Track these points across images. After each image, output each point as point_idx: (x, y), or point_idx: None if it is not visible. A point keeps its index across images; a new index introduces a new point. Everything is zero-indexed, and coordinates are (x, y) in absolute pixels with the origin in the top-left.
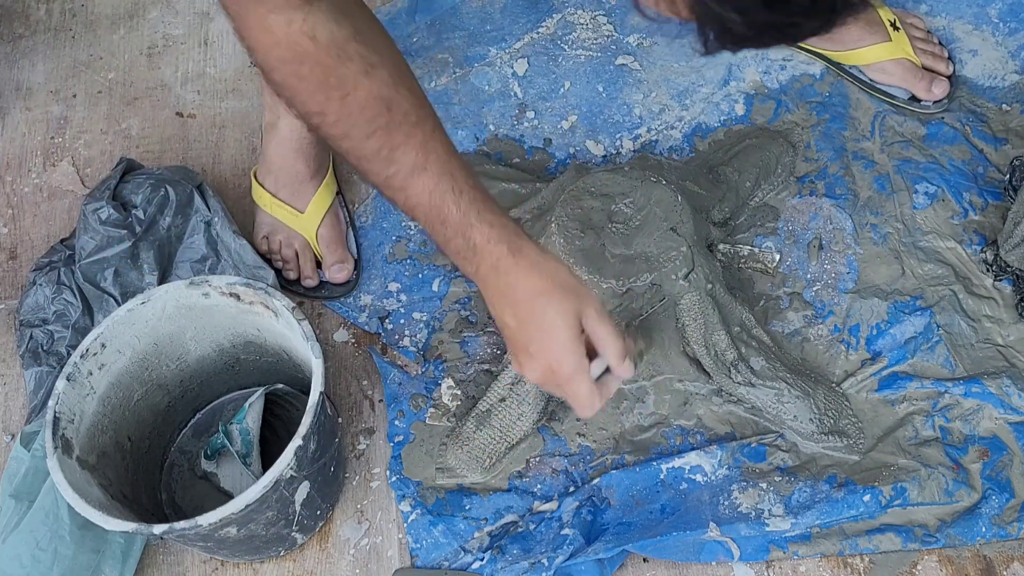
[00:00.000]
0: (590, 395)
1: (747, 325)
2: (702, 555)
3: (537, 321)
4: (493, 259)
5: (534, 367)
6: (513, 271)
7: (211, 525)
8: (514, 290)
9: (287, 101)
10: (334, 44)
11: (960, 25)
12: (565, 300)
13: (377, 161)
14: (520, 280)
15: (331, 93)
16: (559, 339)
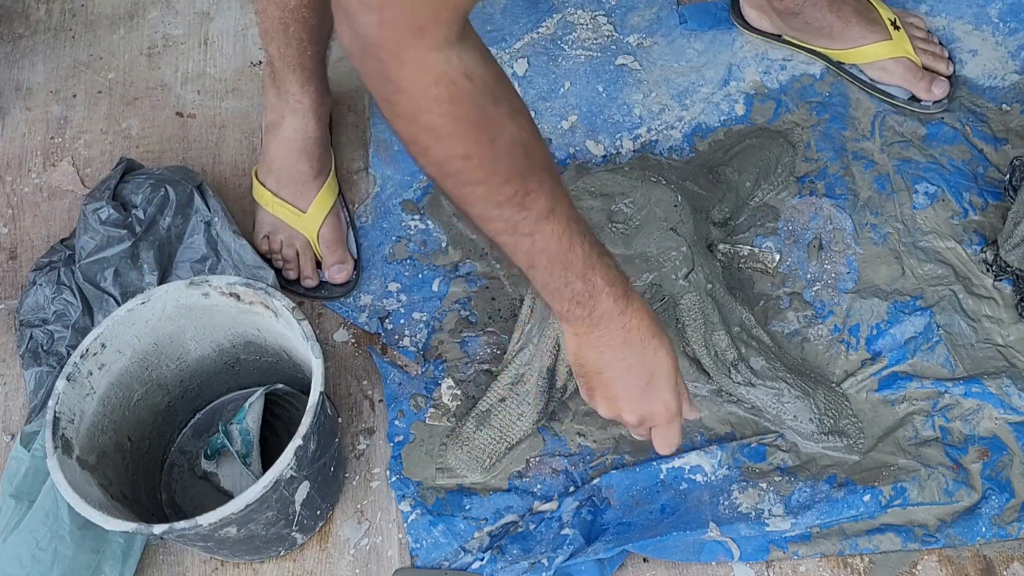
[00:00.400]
0: (680, 437)
1: (747, 325)
2: (702, 555)
3: (649, 364)
4: (611, 300)
5: (637, 408)
6: (629, 312)
7: (211, 525)
8: (629, 331)
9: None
10: (487, 85)
11: (960, 25)
12: (670, 346)
13: (510, 207)
14: (637, 321)
15: (481, 136)
16: (672, 380)
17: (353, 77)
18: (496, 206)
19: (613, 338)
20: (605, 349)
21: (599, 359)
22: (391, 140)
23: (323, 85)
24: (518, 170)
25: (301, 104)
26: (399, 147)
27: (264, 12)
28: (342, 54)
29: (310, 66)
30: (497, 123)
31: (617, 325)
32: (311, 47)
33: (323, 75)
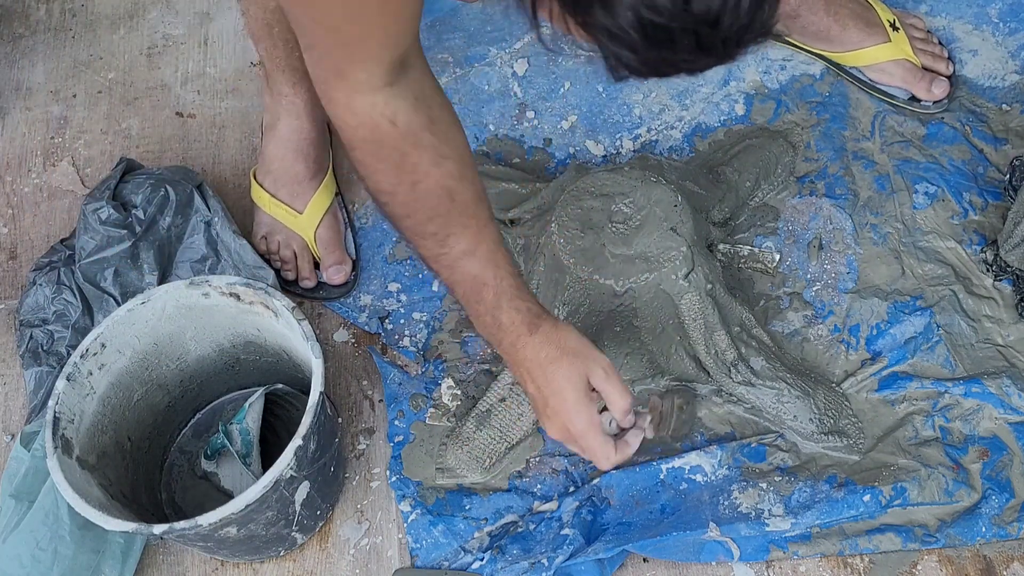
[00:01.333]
0: (602, 447)
1: (747, 325)
2: (702, 555)
3: (550, 386)
4: (514, 336)
5: (552, 426)
6: (529, 345)
7: (211, 525)
8: (530, 361)
9: (360, 177)
10: (411, 131)
11: (960, 25)
12: (572, 365)
13: (432, 241)
14: (534, 352)
15: (403, 178)
16: (568, 399)
17: None
18: (420, 238)
19: (522, 367)
20: (520, 376)
21: (524, 384)
22: None
23: None
24: (440, 212)
25: (294, 105)
26: None
27: (248, 13)
28: None
29: (300, 67)
30: (419, 169)
31: (520, 358)
32: (298, 48)
33: None
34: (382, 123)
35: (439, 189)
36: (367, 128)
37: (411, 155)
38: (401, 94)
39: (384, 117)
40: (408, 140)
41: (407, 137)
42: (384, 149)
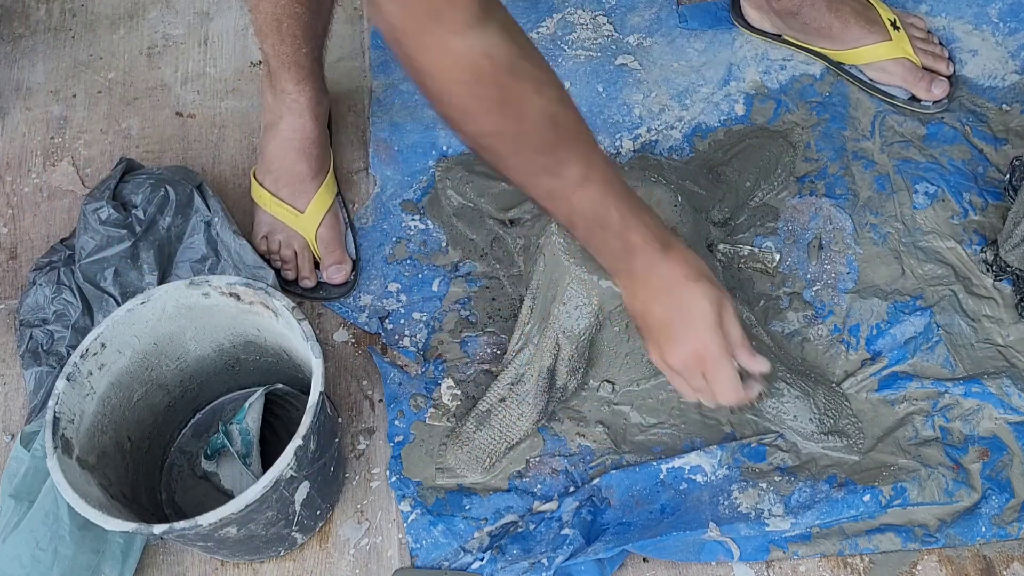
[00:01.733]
0: (734, 378)
1: (747, 325)
2: (702, 555)
3: (686, 306)
4: (647, 255)
5: (679, 351)
6: (665, 263)
7: (211, 525)
8: (665, 280)
9: (456, 124)
10: (509, 62)
11: (960, 25)
12: (711, 288)
13: (544, 176)
14: (672, 270)
15: (507, 112)
16: (708, 321)
17: (353, 77)
18: (531, 175)
19: (653, 287)
20: (647, 298)
21: (644, 308)
22: (391, 140)
23: (320, 84)
24: (548, 141)
25: (297, 103)
26: (399, 147)
27: (257, 8)
28: (341, 54)
29: (305, 64)
30: (522, 99)
31: (656, 275)
32: (305, 44)
33: (319, 74)
34: (480, 59)
35: (544, 117)
36: (465, 68)
37: (512, 87)
38: (492, 27)
39: (481, 53)
40: (507, 72)
41: (506, 69)
42: (485, 86)
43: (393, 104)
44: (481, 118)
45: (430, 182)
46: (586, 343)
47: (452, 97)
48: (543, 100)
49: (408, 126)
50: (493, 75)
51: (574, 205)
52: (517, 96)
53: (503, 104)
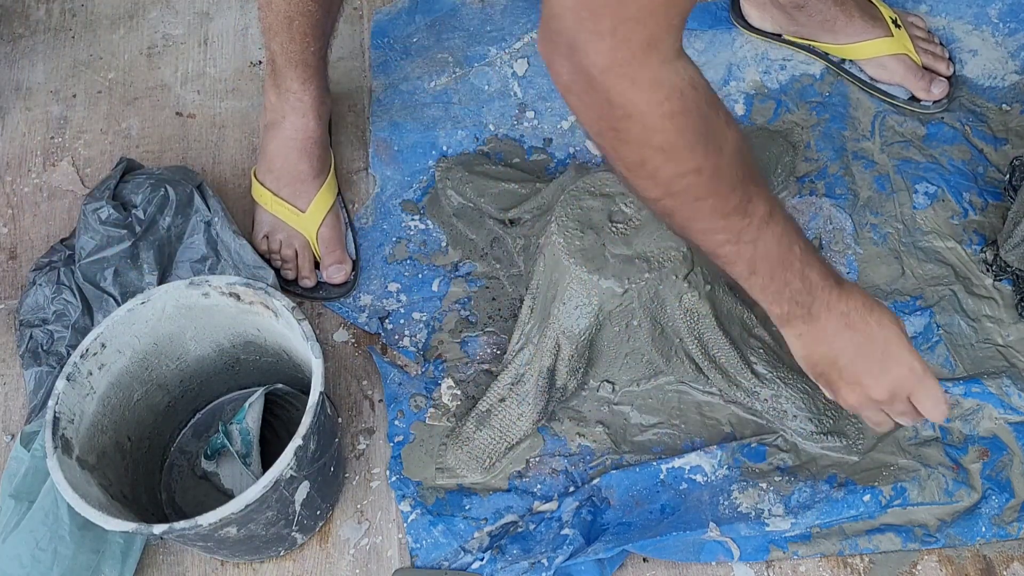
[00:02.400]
0: (941, 392)
1: (748, 325)
2: (702, 555)
3: (877, 335)
4: (826, 293)
5: (883, 382)
6: (845, 298)
7: (211, 525)
8: (848, 315)
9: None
10: (707, 92)
11: (960, 25)
12: (889, 313)
13: (735, 216)
14: (852, 302)
15: (709, 146)
16: (903, 344)
17: (353, 77)
18: (723, 216)
19: (836, 326)
20: (832, 339)
21: (829, 350)
22: (391, 140)
23: (324, 84)
24: (740, 177)
25: (301, 102)
26: (399, 147)
27: (268, 6)
28: (341, 54)
29: (312, 63)
30: (721, 131)
31: (836, 313)
32: (314, 43)
33: (324, 73)
34: (687, 89)
35: (736, 150)
36: (676, 99)
37: (712, 118)
38: (687, 56)
39: (687, 82)
40: (709, 102)
41: (708, 98)
42: (691, 118)
43: (393, 104)
44: (685, 155)
45: (430, 182)
46: (586, 343)
47: (658, 135)
48: (734, 133)
49: (408, 126)
50: (697, 105)
51: (759, 247)
52: (716, 128)
53: (707, 137)
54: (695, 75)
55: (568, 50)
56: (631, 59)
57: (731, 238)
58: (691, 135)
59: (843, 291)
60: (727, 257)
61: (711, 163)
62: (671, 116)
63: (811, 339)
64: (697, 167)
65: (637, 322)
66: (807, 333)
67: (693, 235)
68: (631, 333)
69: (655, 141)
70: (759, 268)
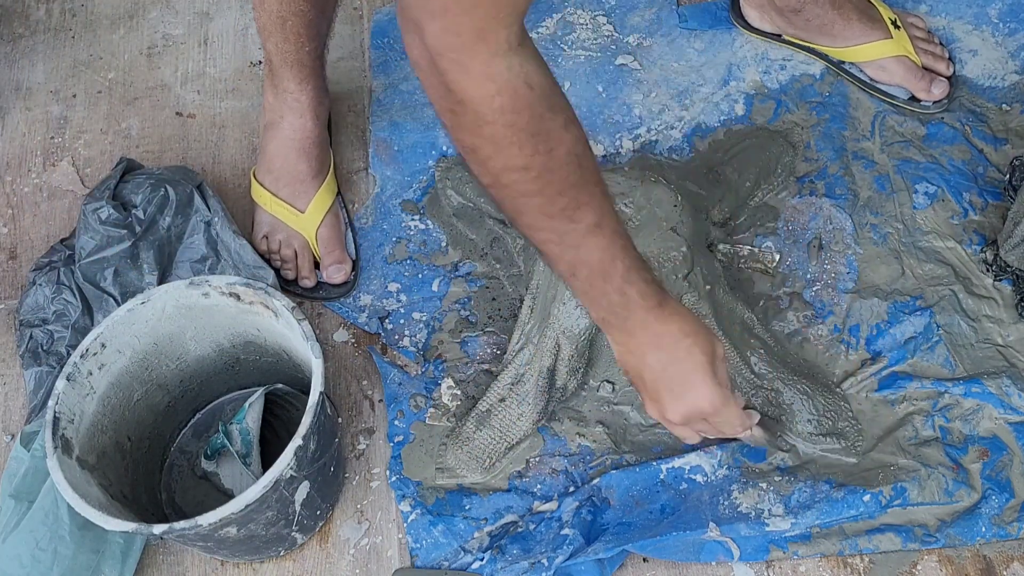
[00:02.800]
0: (740, 414)
1: (748, 325)
2: (702, 555)
3: (683, 361)
4: (644, 311)
5: (679, 405)
6: (662, 319)
7: (211, 525)
8: (661, 337)
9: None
10: (545, 92)
11: (960, 25)
12: (708, 339)
13: (560, 219)
14: (669, 326)
15: (539, 146)
16: (708, 373)
17: (353, 77)
18: (548, 217)
19: (647, 344)
20: (641, 354)
21: (638, 364)
22: (391, 140)
23: (321, 83)
24: (571, 182)
25: (299, 103)
26: (399, 147)
27: (262, 7)
28: (341, 54)
29: (308, 63)
30: (555, 134)
31: (650, 333)
32: (308, 43)
33: (321, 73)
34: (520, 87)
35: (571, 155)
36: (507, 94)
37: (547, 118)
38: (530, 53)
39: (521, 79)
40: (544, 101)
41: (543, 99)
42: (523, 116)
43: (393, 104)
44: (514, 151)
45: (430, 182)
46: (586, 343)
47: (488, 127)
48: (571, 137)
49: (408, 126)
50: (531, 104)
51: (581, 253)
52: (550, 129)
53: (537, 136)
54: (533, 72)
55: (415, 27)
56: (461, 47)
57: (554, 239)
58: (520, 133)
59: (663, 313)
60: (550, 255)
61: (539, 163)
62: (501, 111)
63: (625, 349)
64: (524, 165)
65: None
66: (622, 343)
67: (520, 228)
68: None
69: (485, 132)
70: (579, 272)
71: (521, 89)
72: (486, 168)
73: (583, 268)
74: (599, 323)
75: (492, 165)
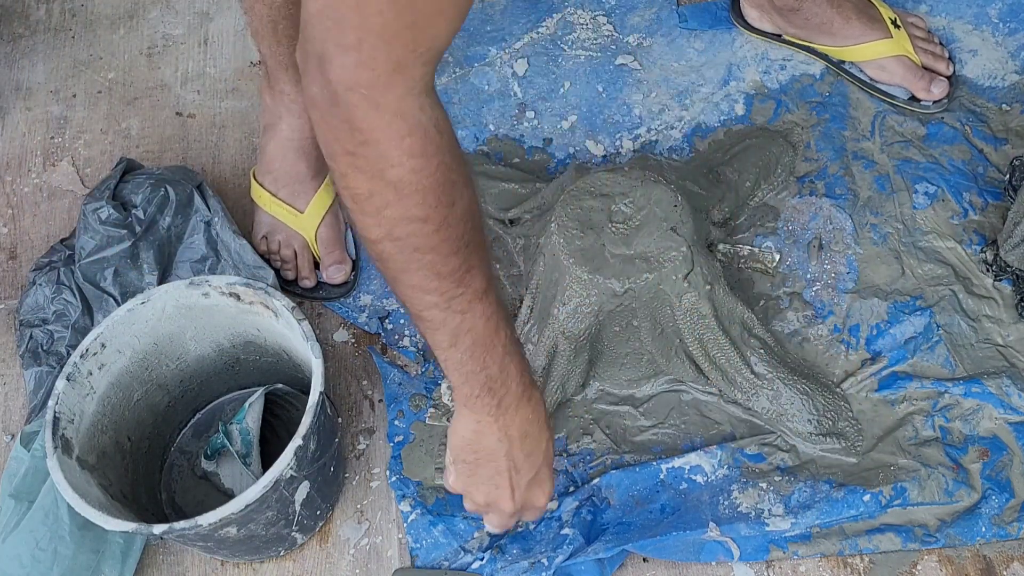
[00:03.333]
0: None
1: (748, 325)
2: (702, 555)
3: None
4: (521, 387)
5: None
6: (532, 401)
7: (211, 525)
8: (529, 422)
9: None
10: (451, 141)
11: (960, 25)
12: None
13: (451, 281)
14: (535, 412)
15: (442, 197)
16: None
17: None
18: (438, 278)
19: (514, 429)
20: (505, 438)
21: (496, 447)
22: None
23: None
24: (466, 241)
25: (296, 103)
26: None
27: (252, 10)
28: None
29: None
30: (458, 186)
31: (522, 415)
32: None
33: None
34: (431, 130)
35: (468, 212)
36: (418, 136)
37: (453, 169)
38: (437, 100)
39: (432, 123)
40: (450, 151)
41: (449, 147)
42: (432, 162)
43: None
44: (416, 199)
45: None
46: (585, 343)
47: (393, 170)
48: (470, 193)
49: None
50: (439, 149)
51: (466, 320)
52: (455, 180)
53: (443, 186)
54: (441, 119)
55: (318, 61)
56: (375, 81)
57: (440, 303)
58: (427, 179)
59: (534, 394)
60: (431, 321)
61: (440, 215)
62: (410, 154)
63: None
64: (425, 216)
65: (637, 322)
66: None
67: (402, 289)
68: (631, 333)
69: (389, 175)
70: (461, 342)
71: (432, 132)
72: (379, 218)
73: (467, 337)
74: (465, 403)
75: (388, 214)
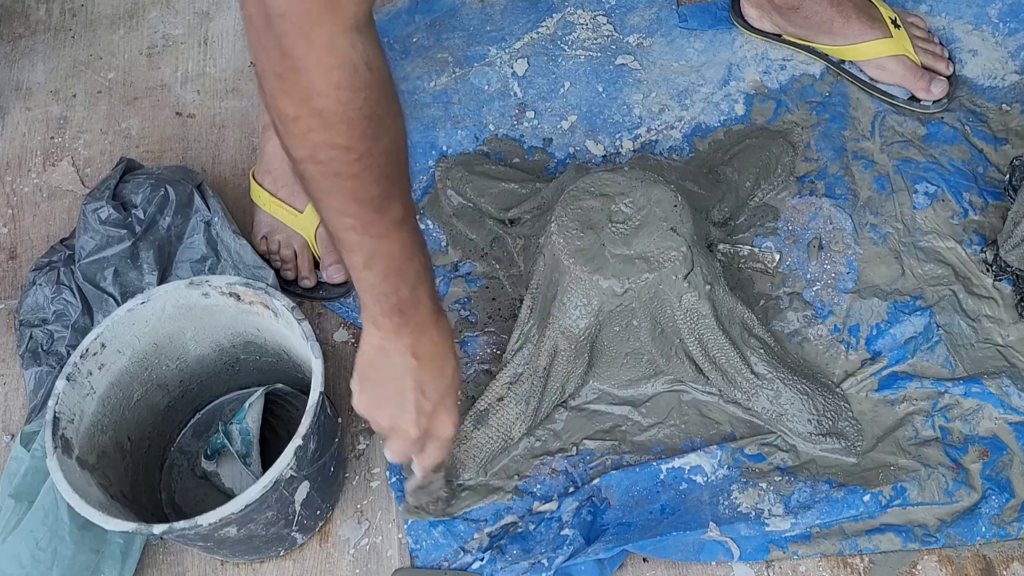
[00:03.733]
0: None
1: (748, 325)
2: (702, 555)
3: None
4: (427, 312)
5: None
6: (438, 327)
7: (211, 525)
8: (436, 344)
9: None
10: (384, 78)
11: (960, 25)
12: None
13: (370, 207)
14: (441, 335)
15: (367, 130)
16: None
17: None
18: (357, 203)
19: (421, 349)
20: (412, 356)
21: (402, 365)
22: None
23: None
24: (387, 173)
25: None
26: None
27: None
28: None
29: None
30: (386, 121)
31: (428, 336)
32: None
33: None
34: (361, 65)
35: (393, 145)
36: (346, 72)
37: (379, 104)
38: (373, 36)
39: (363, 58)
40: (380, 86)
41: (381, 84)
42: (358, 94)
43: None
44: (341, 128)
45: (430, 182)
46: (585, 343)
47: (319, 99)
48: (397, 128)
49: (408, 126)
50: (368, 85)
51: (383, 244)
52: (382, 115)
53: (369, 119)
54: (374, 56)
55: None
56: (308, 12)
57: (358, 226)
58: (353, 112)
59: (442, 320)
60: (348, 243)
61: (364, 146)
62: (337, 86)
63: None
64: (348, 145)
65: (637, 322)
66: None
67: (323, 209)
68: (631, 333)
69: (315, 103)
70: (375, 264)
71: (361, 68)
72: (303, 140)
73: (381, 260)
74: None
75: (312, 138)
